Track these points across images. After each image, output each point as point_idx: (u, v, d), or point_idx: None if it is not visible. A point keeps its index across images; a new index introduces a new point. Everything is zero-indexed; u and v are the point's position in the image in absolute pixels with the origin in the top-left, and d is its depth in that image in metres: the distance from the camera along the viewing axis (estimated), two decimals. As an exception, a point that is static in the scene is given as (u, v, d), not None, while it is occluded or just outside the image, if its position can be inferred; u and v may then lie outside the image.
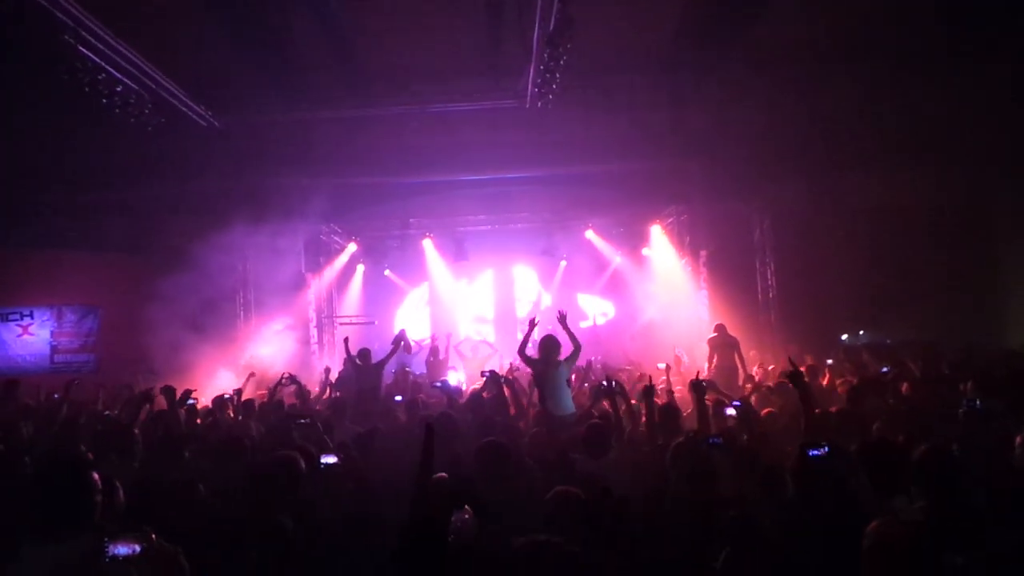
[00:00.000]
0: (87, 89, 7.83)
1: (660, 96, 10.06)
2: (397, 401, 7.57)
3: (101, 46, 7.65)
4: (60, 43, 7.21)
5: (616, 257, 16.06)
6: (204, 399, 8.79)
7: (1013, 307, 13.02)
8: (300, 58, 9.03)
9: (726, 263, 14.12)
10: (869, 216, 13.09)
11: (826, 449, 3.40)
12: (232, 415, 7.54)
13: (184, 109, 9.50)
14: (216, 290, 13.01)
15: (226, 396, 8.38)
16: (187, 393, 7.16)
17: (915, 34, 8.89)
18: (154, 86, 8.73)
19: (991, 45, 8.96)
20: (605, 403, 5.82)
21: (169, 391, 5.99)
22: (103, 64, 7.80)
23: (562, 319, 7.48)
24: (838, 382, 7.67)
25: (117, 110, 8.31)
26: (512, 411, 6.33)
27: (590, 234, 15.63)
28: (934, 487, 2.96)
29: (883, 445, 3.28)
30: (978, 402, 4.71)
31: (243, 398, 7.88)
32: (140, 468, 4.84)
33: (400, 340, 9.84)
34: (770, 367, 10.05)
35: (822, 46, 9.11)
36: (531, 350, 7.49)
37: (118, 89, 8.19)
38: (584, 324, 16.68)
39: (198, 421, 7.27)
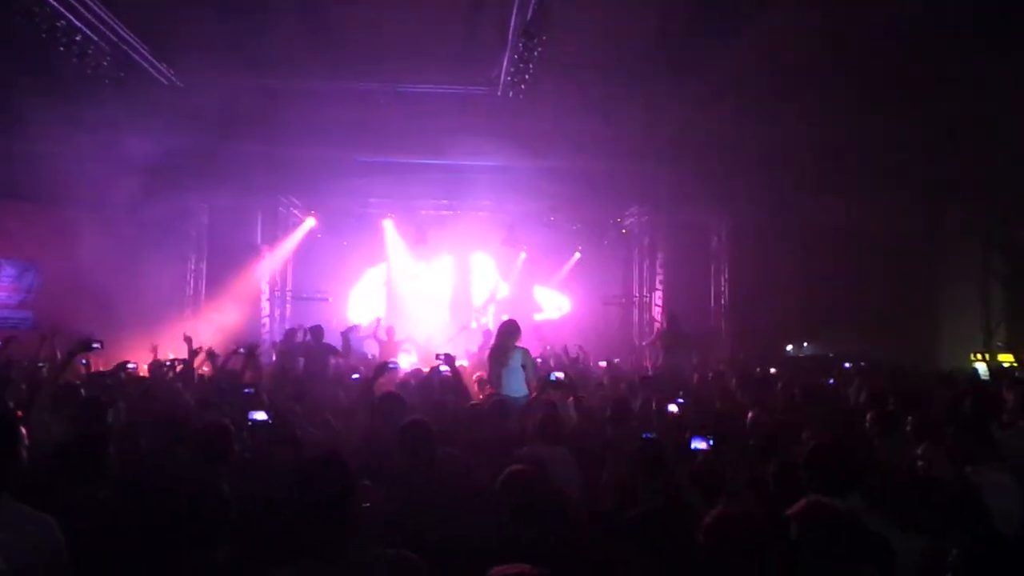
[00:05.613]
0: (44, 35, 7.53)
1: (633, 98, 10.12)
2: (354, 379, 7.53)
3: (62, -9, 7.36)
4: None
5: (575, 252, 16.18)
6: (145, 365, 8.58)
7: (947, 332, 13.61)
8: (272, 24, 8.81)
9: (682, 268, 14.38)
10: (822, 235, 13.46)
11: (711, 442, 3.62)
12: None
13: (145, 65, 9.20)
14: (166, 254, 12.69)
15: (165, 363, 8.21)
16: (123, 364, 7.09)
17: (882, 65, 9.17)
18: (115, 39, 8.43)
19: (952, 79, 9.31)
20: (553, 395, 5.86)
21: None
22: (63, 10, 7.51)
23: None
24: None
25: (75, 59, 8.01)
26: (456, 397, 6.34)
27: (551, 227, 15.71)
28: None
29: (823, 449, 3.40)
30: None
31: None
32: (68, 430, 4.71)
33: (347, 343, 9.82)
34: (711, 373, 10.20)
35: (794, 68, 9.31)
36: (484, 337, 7.60)
37: (77, 38, 7.89)
38: (539, 317, 16.78)
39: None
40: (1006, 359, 10.23)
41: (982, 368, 10.12)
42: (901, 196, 12.26)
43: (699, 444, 3.71)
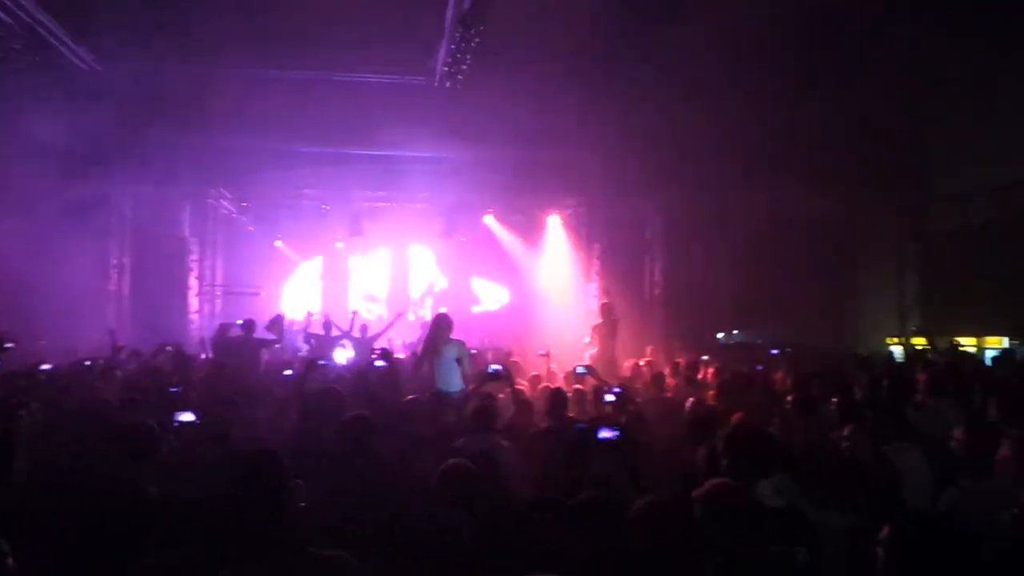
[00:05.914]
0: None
1: (569, 89, 10.19)
2: (287, 375, 7.37)
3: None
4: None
5: (513, 244, 16.22)
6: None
7: (866, 318, 14.32)
8: (199, 7, 8.48)
9: (618, 258, 14.63)
10: (748, 225, 13.89)
11: (617, 434, 3.71)
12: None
13: (62, 48, 8.73)
14: (86, 247, 12.09)
15: (87, 363, 7.86)
16: (37, 363, 6.81)
17: (806, 59, 9.53)
18: (29, 20, 7.97)
19: (872, 72, 9.75)
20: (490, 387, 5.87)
21: None
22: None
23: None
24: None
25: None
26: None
27: (489, 219, 15.69)
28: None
29: (742, 432, 3.52)
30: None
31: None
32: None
33: (278, 326, 9.60)
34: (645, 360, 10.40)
35: (727, 61, 9.55)
36: (422, 330, 7.53)
37: (-16, 18, 7.43)
38: (476, 309, 16.79)
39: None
40: (919, 342, 10.79)
41: (898, 351, 10.66)
42: (823, 187, 12.76)
43: (606, 434, 3.77)
